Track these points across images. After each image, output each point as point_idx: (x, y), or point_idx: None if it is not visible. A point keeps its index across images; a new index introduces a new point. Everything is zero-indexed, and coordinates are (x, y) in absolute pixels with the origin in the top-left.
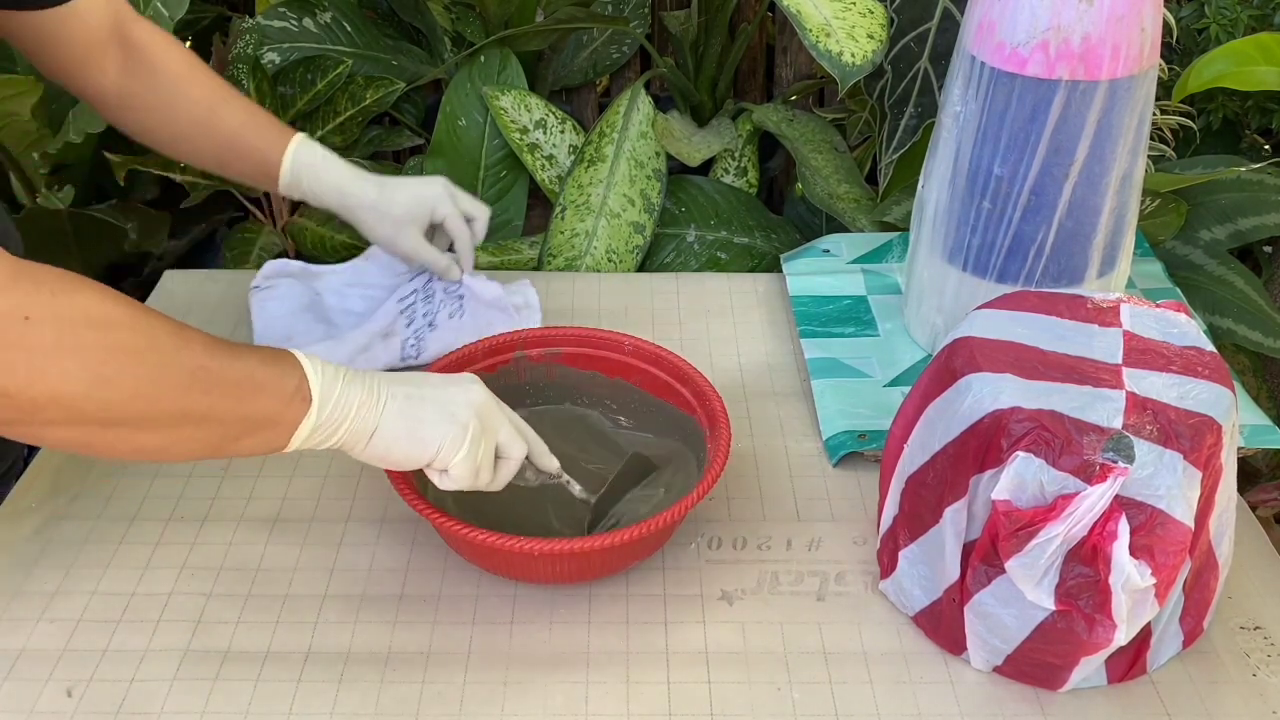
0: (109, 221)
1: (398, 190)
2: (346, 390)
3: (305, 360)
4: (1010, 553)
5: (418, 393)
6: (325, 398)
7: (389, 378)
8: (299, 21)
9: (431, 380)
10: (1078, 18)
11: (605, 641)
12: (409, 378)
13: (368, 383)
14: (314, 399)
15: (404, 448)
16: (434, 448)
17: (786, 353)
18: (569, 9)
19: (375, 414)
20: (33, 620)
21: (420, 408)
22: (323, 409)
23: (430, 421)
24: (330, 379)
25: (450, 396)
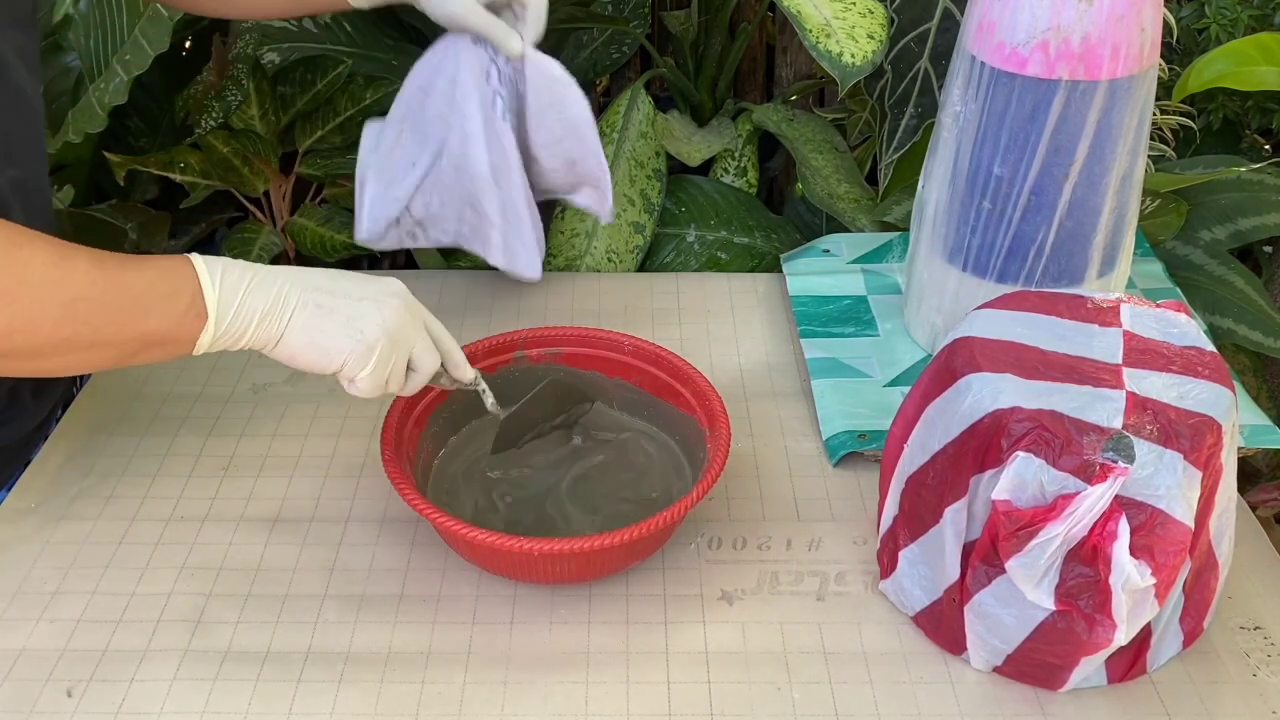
0: (109, 221)
1: None
2: (248, 300)
3: (204, 271)
4: (1010, 553)
5: (329, 303)
6: (223, 312)
7: (303, 282)
8: (299, 21)
9: (347, 288)
10: (1078, 18)
11: (605, 641)
12: (325, 282)
13: (275, 289)
14: (210, 314)
15: (308, 358)
16: (339, 361)
17: (786, 353)
18: (569, 9)
19: (279, 325)
20: (33, 620)
21: (327, 320)
22: (219, 323)
23: (335, 335)
24: (230, 290)
25: (361, 312)
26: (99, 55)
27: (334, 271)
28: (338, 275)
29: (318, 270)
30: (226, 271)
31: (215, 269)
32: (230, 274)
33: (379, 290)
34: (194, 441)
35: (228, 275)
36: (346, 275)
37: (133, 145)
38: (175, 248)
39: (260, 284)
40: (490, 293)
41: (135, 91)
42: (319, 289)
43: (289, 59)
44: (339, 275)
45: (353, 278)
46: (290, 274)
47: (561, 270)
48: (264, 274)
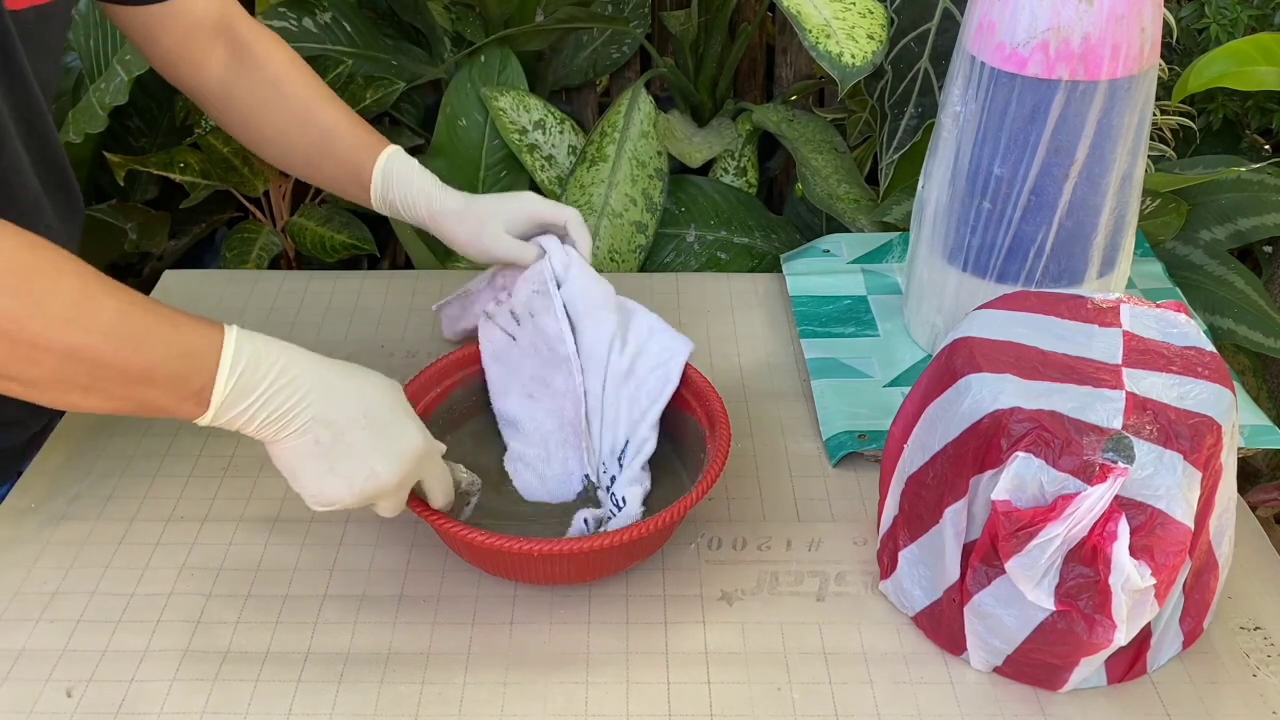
0: (109, 221)
1: (484, 199)
2: (255, 407)
3: (228, 362)
4: (1010, 553)
5: (327, 444)
6: (221, 413)
7: (317, 408)
8: (299, 21)
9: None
10: (1078, 18)
11: (605, 642)
12: (340, 420)
13: (286, 403)
14: (209, 410)
15: (279, 468)
16: (302, 491)
17: (786, 353)
18: (569, 9)
19: (272, 434)
20: (33, 620)
21: (313, 462)
22: (216, 419)
23: (311, 477)
24: (241, 392)
25: (350, 470)
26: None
27: (370, 405)
28: (360, 413)
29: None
30: (249, 370)
31: (239, 362)
32: (251, 374)
33: (384, 456)
34: (194, 441)
35: (247, 375)
36: (366, 416)
37: (133, 145)
38: (175, 248)
39: (277, 390)
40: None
41: (135, 91)
42: (331, 425)
43: None
44: (360, 414)
45: (371, 422)
46: (314, 386)
47: None
48: (287, 377)
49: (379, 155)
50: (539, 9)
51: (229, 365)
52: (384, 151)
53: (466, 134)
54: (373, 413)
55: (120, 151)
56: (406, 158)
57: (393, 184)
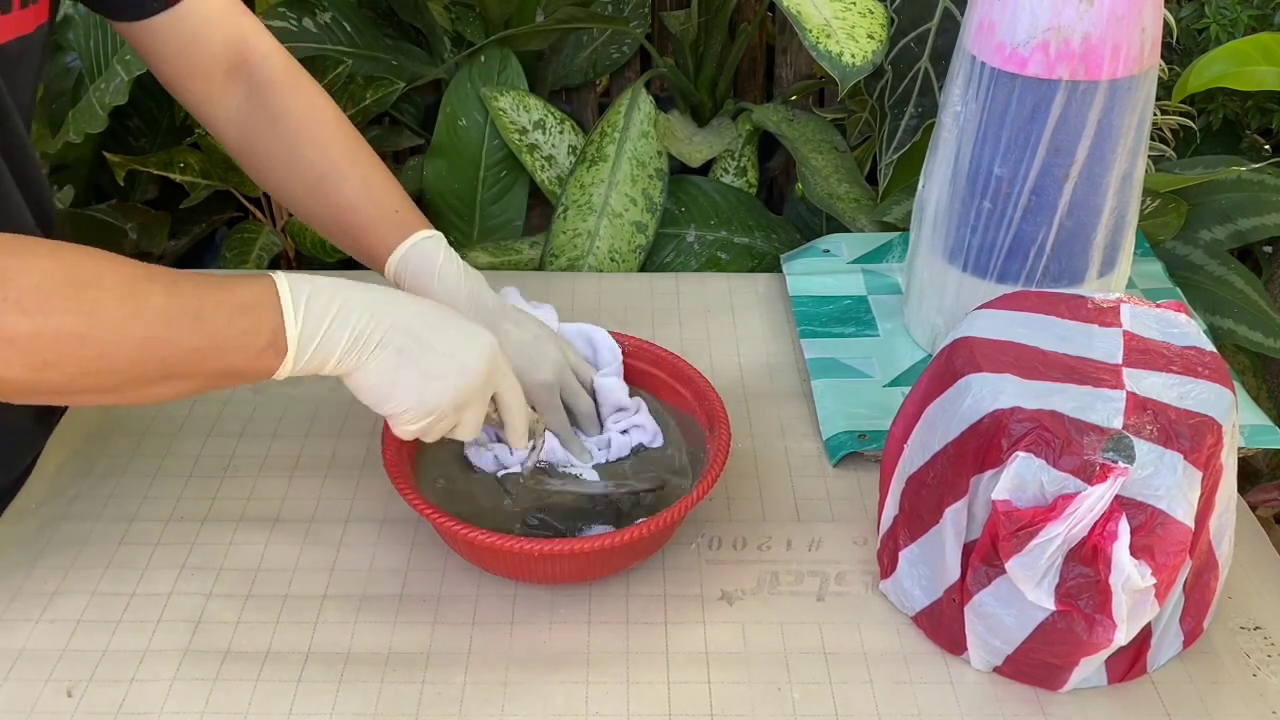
0: (109, 221)
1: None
2: (331, 334)
3: (289, 303)
4: (1010, 553)
5: (411, 349)
6: (303, 349)
7: (391, 318)
8: (299, 21)
9: (436, 341)
10: (1078, 18)
11: (605, 641)
12: (415, 323)
13: (359, 323)
14: (289, 351)
15: (370, 397)
16: (396, 410)
17: (786, 353)
18: (569, 9)
19: (357, 361)
20: (33, 620)
21: (403, 369)
22: (298, 360)
23: (404, 388)
24: (314, 323)
25: (440, 371)
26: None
27: (430, 310)
28: (433, 317)
29: (413, 303)
30: (311, 300)
31: (300, 297)
32: (315, 303)
33: (467, 349)
34: (194, 441)
35: (312, 305)
36: (442, 318)
37: (133, 145)
38: (176, 248)
39: (345, 315)
40: None
41: (135, 91)
42: (407, 330)
43: None
44: (433, 317)
45: (447, 323)
46: (381, 304)
47: (564, 270)
48: (350, 302)
49: (396, 246)
50: (539, 9)
51: (290, 302)
52: (404, 242)
53: (466, 134)
54: (439, 315)
55: (120, 151)
56: (433, 247)
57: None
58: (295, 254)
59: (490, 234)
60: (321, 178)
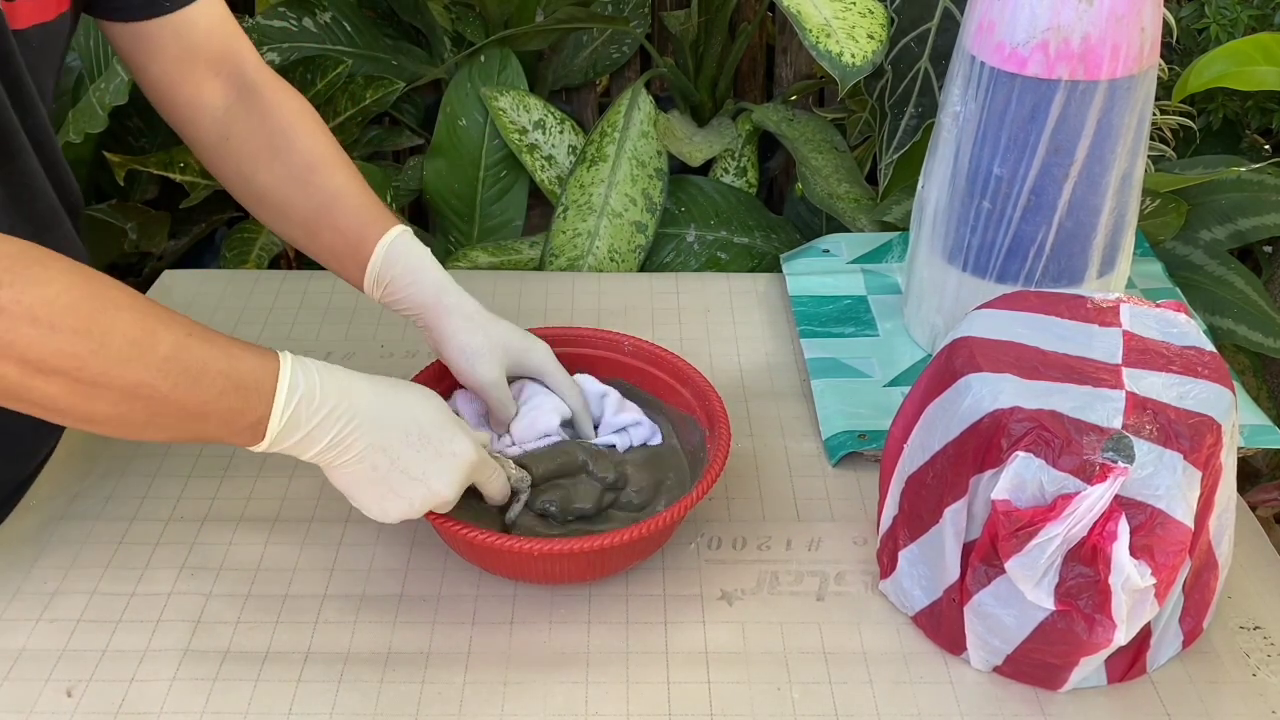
0: (109, 221)
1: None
2: (311, 435)
3: (283, 394)
4: (1010, 553)
5: (383, 468)
6: (278, 441)
7: (373, 435)
8: (299, 21)
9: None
10: (1077, 18)
11: (605, 641)
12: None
13: (342, 429)
14: (265, 440)
15: (338, 488)
16: (370, 514)
17: (786, 353)
18: (569, 9)
19: (329, 461)
20: (33, 620)
21: (371, 486)
22: (272, 448)
23: (369, 498)
24: (296, 422)
25: (406, 491)
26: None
27: (415, 421)
28: (414, 434)
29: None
30: (306, 399)
31: (296, 391)
32: (306, 405)
33: (439, 474)
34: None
35: (304, 405)
36: (420, 437)
37: (133, 145)
38: (175, 248)
39: (331, 418)
40: (490, 292)
41: (135, 91)
42: (384, 450)
43: (289, 59)
44: (414, 435)
45: (425, 443)
46: (366, 413)
47: (564, 270)
48: (339, 410)
49: (386, 231)
50: (539, 9)
51: (284, 397)
52: (393, 228)
53: (466, 134)
54: (425, 431)
55: (120, 151)
56: (418, 242)
57: (396, 265)
58: (295, 254)
59: (490, 234)
60: (313, 167)
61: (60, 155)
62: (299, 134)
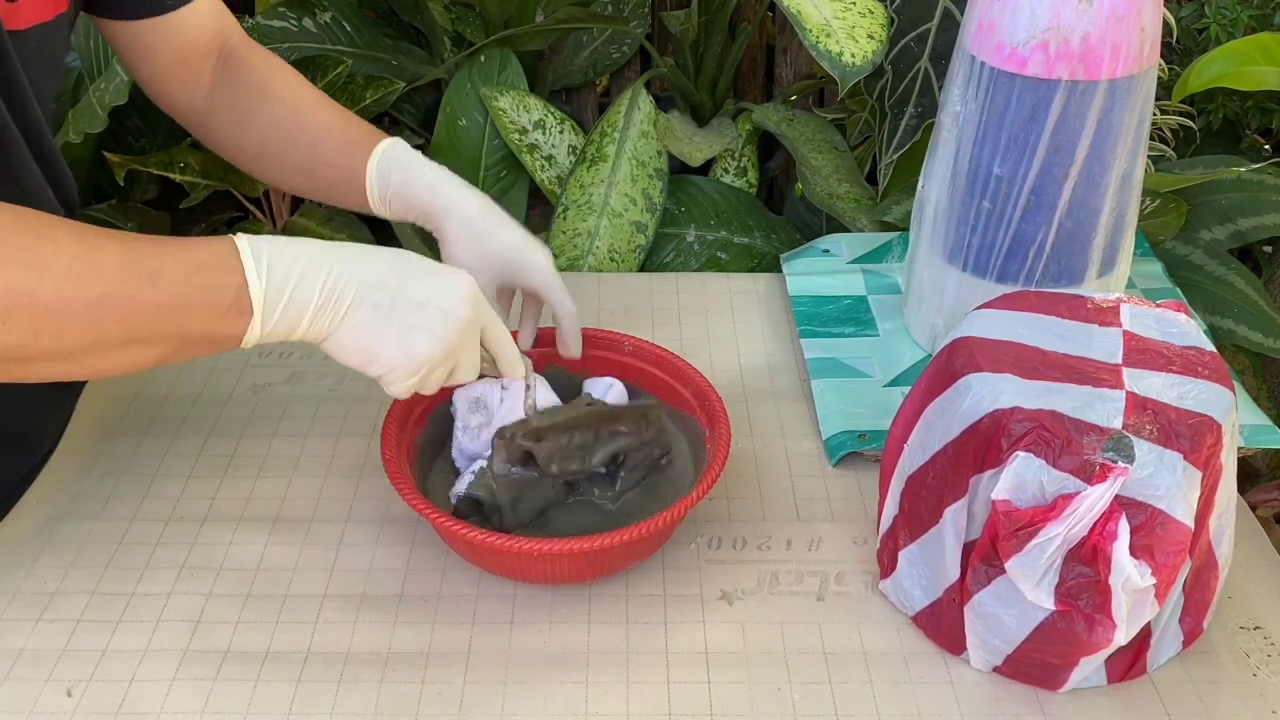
0: (109, 221)
1: (503, 226)
2: (298, 292)
3: (250, 261)
4: (1010, 553)
5: (387, 304)
6: (270, 308)
7: (360, 274)
8: (299, 21)
9: (411, 290)
10: (1077, 18)
11: (605, 641)
12: (387, 277)
13: (328, 279)
14: (255, 311)
15: (355, 359)
16: (384, 369)
17: (786, 353)
18: (569, 9)
19: (332, 321)
20: (33, 620)
21: (383, 326)
22: (267, 320)
23: (387, 345)
24: (278, 282)
25: (421, 322)
26: (99, 55)
27: (398, 259)
28: (402, 266)
29: (379, 255)
30: (274, 259)
31: (261, 255)
32: (279, 261)
33: (445, 294)
34: (194, 441)
35: (276, 263)
36: (412, 266)
37: (133, 145)
38: None
39: (311, 272)
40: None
41: (135, 91)
42: (379, 284)
43: (289, 59)
44: (403, 267)
45: (419, 271)
46: (346, 259)
47: (564, 270)
48: (315, 259)
49: (374, 149)
50: (539, 9)
51: (252, 260)
52: (379, 144)
53: (466, 134)
54: (410, 263)
55: (120, 151)
56: (408, 148)
57: (391, 173)
58: None
59: None
60: (296, 111)
61: (57, 153)
62: (277, 84)
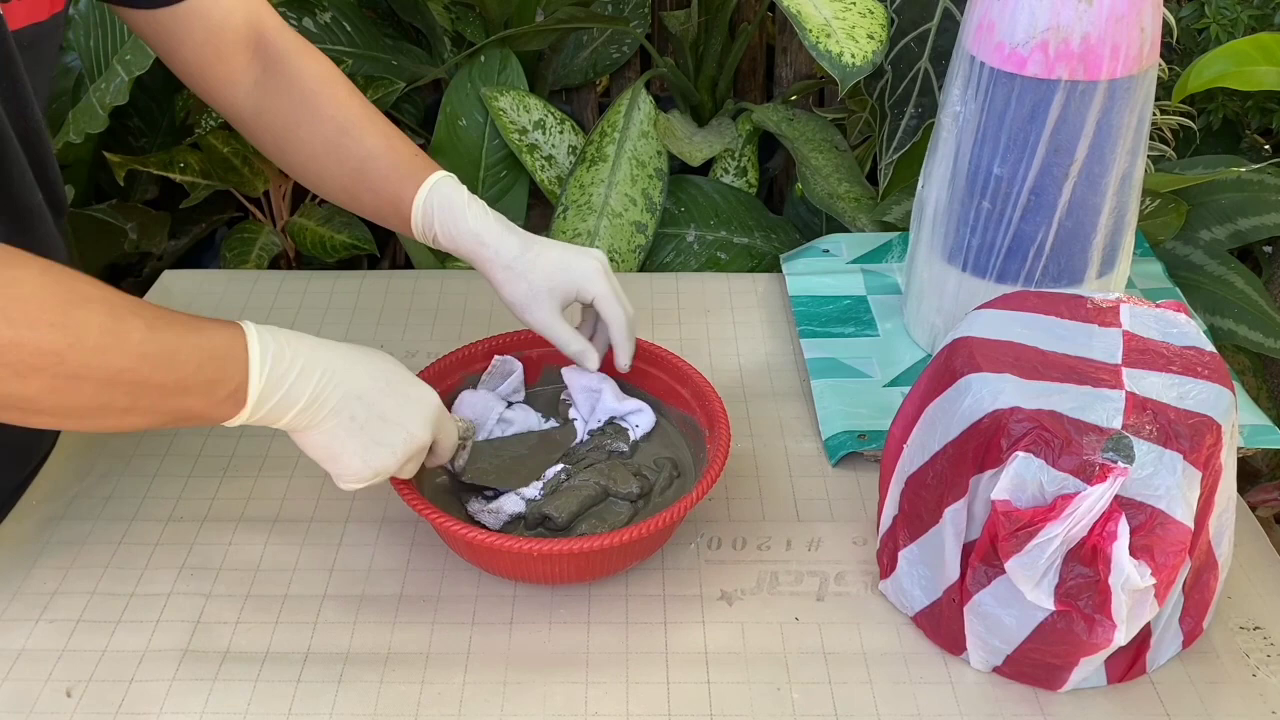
0: (109, 221)
1: (545, 252)
2: (290, 393)
3: (256, 354)
4: (1010, 553)
5: (361, 417)
6: (260, 405)
7: (345, 383)
8: (299, 21)
9: (385, 407)
10: (1077, 18)
11: (605, 641)
12: (367, 389)
13: (317, 384)
14: (248, 405)
15: (316, 455)
16: (342, 471)
17: (786, 353)
18: (569, 9)
19: (309, 422)
20: (32, 620)
21: (353, 437)
22: (254, 414)
23: (352, 454)
24: (275, 382)
25: (386, 438)
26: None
27: (382, 372)
28: (386, 379)
29: (367, 365)
30: (277, 359)
31: (267, 353)
32: (279, 363)
33: (413, 416)
34: (194, 441)
35: (277, 363)
36: (392, 380)
37: (133, 145)
38: (175, 248)
39: (306, 376)
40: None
41: (135, 91)
42: (360, 398)
43: None
44: (386, 380)
45: (396, 387)
46: (337, 369)
47: None
48: (312, 364)
49: (422, 184)
50: (539, 9)
51: (258, 358)
52: (428, 179)
53: (466, 134)
54: (390, 379)
55: (120, 151)
56: (455, 185)
57: (435, 216)
58: (295, 254)
59: None
60: (343, 131)
61: (50, 153)
62: (324, 101)
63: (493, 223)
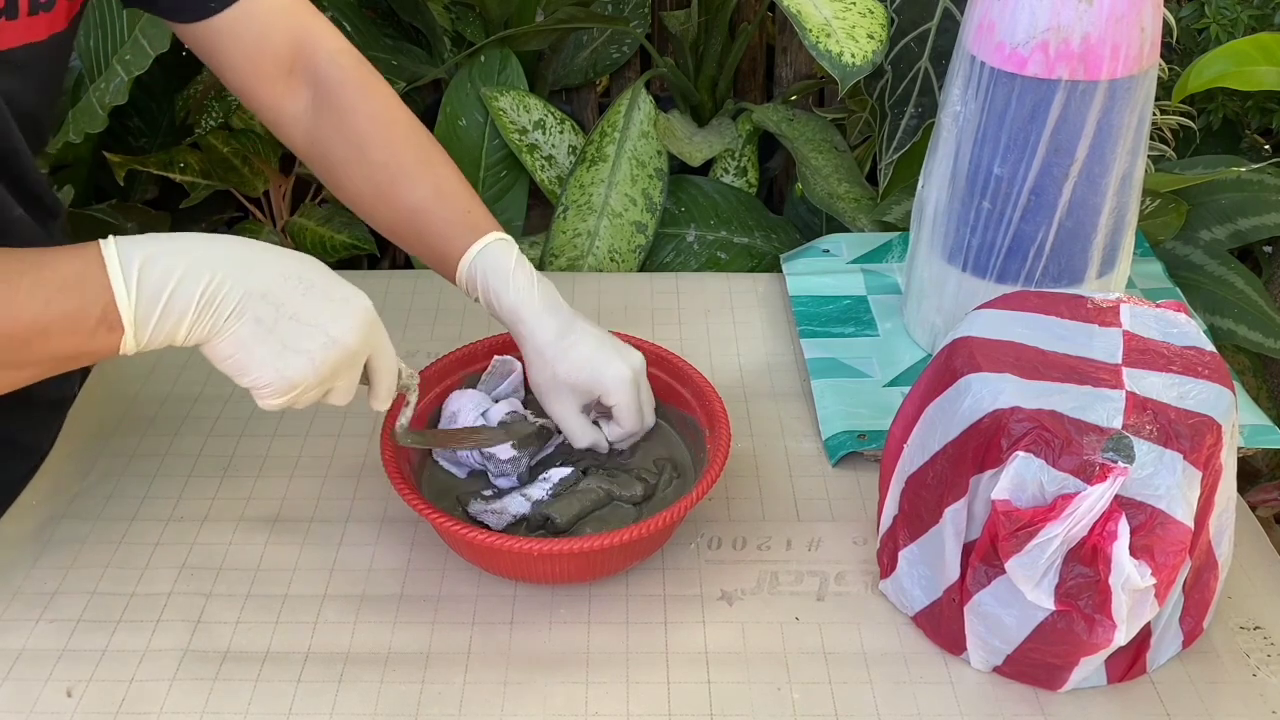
0: (109, 221)
1: (579, 344)
2: (174, 302)
3: (117, 269)
4: (1010, 553)
5: (269, 320)
6: (141, 323)
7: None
8: None
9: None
10: (1077, 18)
11: (605, 641)
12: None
13: (209, 284)
14: (126, 327)
15: (225, 367)
16: (254, 384)
17: (786, 353)
18: (569, 9)
19: (211, 328)
20: (33, 620)
21: (260, 343)
22: (140, 334)
23: (261, 361)
24: (150, 294)
25: (301, 343)
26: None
27: (298, 270)
28: (300, 278)
29: (279, 263)
30: (146, 268)
31: (131, 265)
32: (151, 271)
33: (336, 319)
34: (194, 441)
35: (148, 273)
36: (311, 280)
37: (133, 145)
38: None
39: (189, 279)
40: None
41: (135, 91)
42: (265, 296)
43: None
44: (301, 279)
45: (317, 287)
46: (234, 265)
47: (564, 270)
48: (198, 265)
49: (470, 245)
50: (539, 9)
51: (119, 272)
52: (477, 242)
53: (466, 134)
54: (306, 276)
55: (120, 151)
56: (504, 250)
57: (476, 280)
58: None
59: None
60: (392, 180)
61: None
62: (376, 144)
63: (535, 299)
